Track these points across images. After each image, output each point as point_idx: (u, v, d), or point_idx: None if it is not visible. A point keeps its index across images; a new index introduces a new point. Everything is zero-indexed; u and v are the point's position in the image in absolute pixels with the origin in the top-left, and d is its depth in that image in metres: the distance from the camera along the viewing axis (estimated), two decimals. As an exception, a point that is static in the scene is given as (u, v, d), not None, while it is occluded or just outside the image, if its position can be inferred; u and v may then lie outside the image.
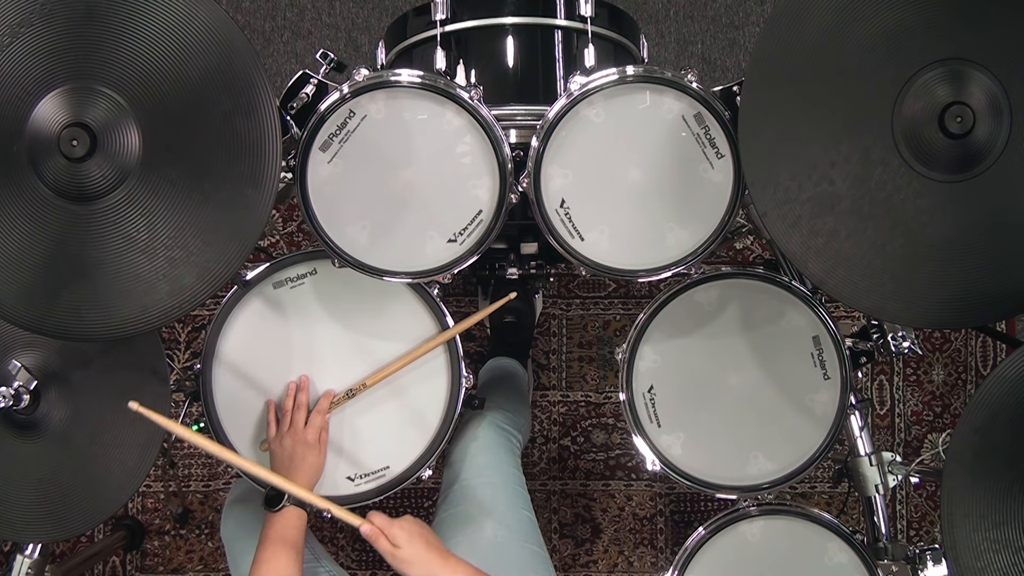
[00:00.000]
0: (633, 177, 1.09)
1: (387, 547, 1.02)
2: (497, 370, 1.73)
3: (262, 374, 1.20)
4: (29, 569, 1.26)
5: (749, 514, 1.22)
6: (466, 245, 1.10)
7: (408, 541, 1.02)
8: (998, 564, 0.96)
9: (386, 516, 1.03)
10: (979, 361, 1.95)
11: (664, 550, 1.92)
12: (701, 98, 1.06)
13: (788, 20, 0.94)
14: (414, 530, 1.03)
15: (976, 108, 0.91)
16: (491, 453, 1.34)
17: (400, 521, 1.03)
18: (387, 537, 1.02)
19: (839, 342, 1.18)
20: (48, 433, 1.12)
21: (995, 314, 0.99)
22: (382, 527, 1.02)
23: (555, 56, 1.24)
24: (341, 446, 1.21)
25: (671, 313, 1.20)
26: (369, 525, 1.01)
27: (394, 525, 1.02)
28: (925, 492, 1.95)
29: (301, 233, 1.94)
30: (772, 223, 0.97)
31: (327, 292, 1.21)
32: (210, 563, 1.91)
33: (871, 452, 1.26)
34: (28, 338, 1.11)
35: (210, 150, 0.94)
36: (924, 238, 0.95)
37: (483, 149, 1.07)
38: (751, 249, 1.92)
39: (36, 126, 0.92)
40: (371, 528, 1.01)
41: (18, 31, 0.91)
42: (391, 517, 1.05)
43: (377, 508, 1.31)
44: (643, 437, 1.20)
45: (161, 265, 0.95)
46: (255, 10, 2.01)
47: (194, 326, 1.93)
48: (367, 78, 1.06)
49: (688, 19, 2.02)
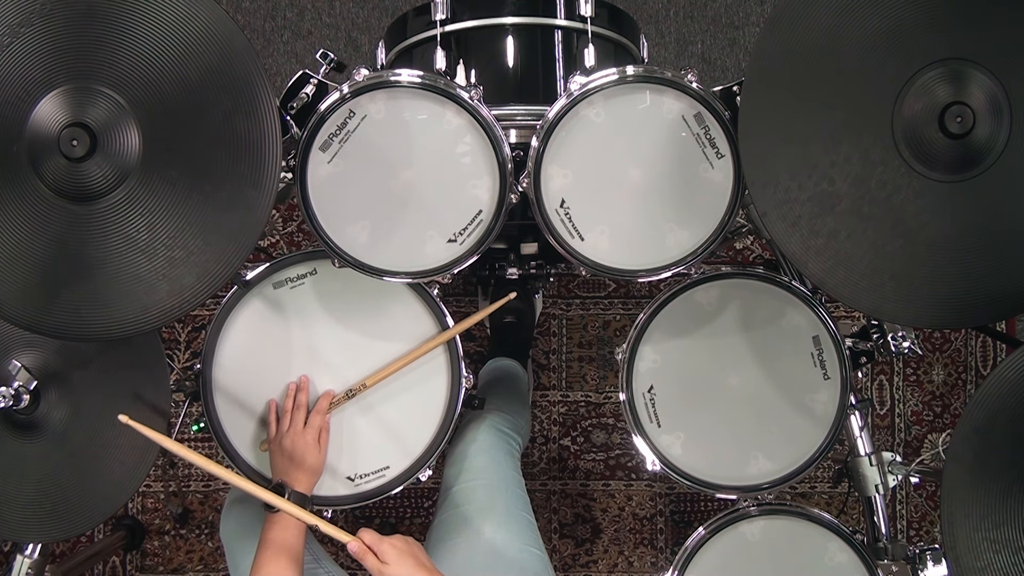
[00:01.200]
0: (633, 177, 1.09)
1: (375, 564, 0.99)
2: (497, 371, 1.73)
3: (262, 374, 1.20)
4: (29, 569, 1.26)
5: (749, 514, 1.22)
6: (466, 245, 1.10)
7: (398, 559, 0.99)
8: (998, 564, 0.96)
9: (376, 533, 1.01)
10: (979, 361, 1.95)
11: (664, 550, 1.92)
12: (701, 98, 1.06)
13: (788, 20, 0.94)
14: (404, 548, 1.01)
15: (976, 108, 0.91)
16: (490, 455, 1.34)
17: (390, 539, 1.01)
18: (376, 554, 1.00)
19: (839, 342, 1.18)
20: (48, 433, 1.12)
21: (995, 314, 0.99)
22: (371, 544, 1.00)
23: (555, 56, 1.24)
24: (341, 446, 1.21)
25: (671, 313, 1.20)
26: (357, 542, 0.99)
27: (384, 542, 1.00)
28: (925, 492, 1.95)
29: (301, 233, 1.94)
30: (772, 223, 0.97)
31: (327, 292, 1.21)
32: (210, 563, 1.91)
33: (871, 452, 1.26)
34: (28, 338, 1.11)
35: (210, 150, 0.94)
36: (924, 238, 0.95)
37: (483, 149, 1.07)
38: (751, 249, 1.92)
39: (36, 126, 0.92)
40: (359, 545, 0.99)
41: (18, 31, 0.91)
42: (390, 526, 1.03)
43: (376, 508, 1.31)
44: (643, 437, 1.20)
45: (161, 265, 0.95)
46: (255, 10, 2.01)
47: (194, 326, 1.93)
48: (367, 78, 1.06)
49: (688, 19, 2.02)
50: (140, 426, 0.98)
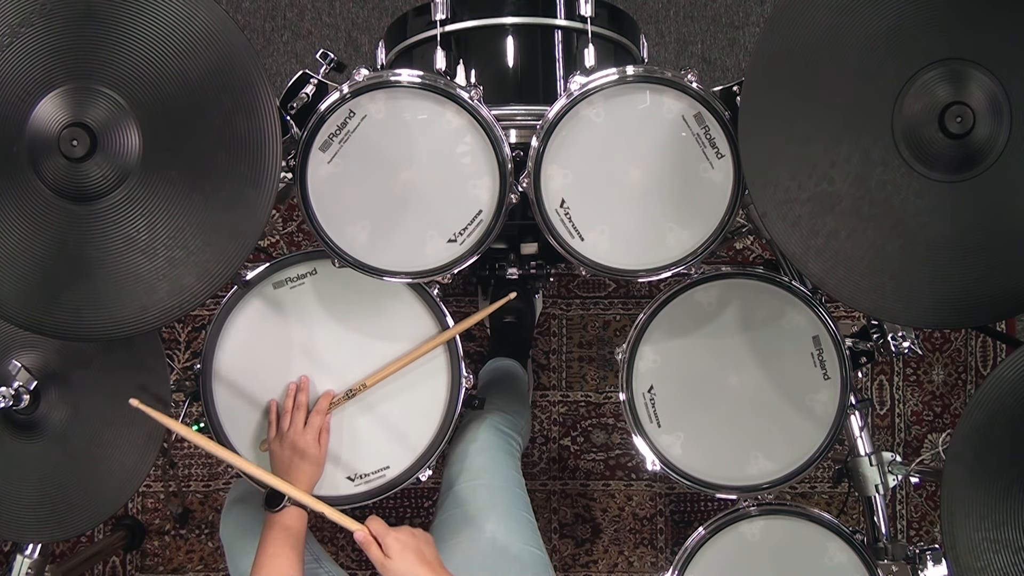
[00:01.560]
0: (633, 177, 1.09)
1: (378, 556, 0.99)
2: (497, 371, 1.73)
3: (262, 374, 1.20)
4: (29, 569, 1.26)
5: (749, 514, 1.22)
6: (466, 245, 1.10)
7: (400, 553, 0.99)
8: (998, 564, 0.96)
9: (384, 524, 1.01)
10: (979, 361, 1.95)
11: (664, 550, 1.92)
12: (701, 98, 1.06)
13: (788, 20, 0.94)
14: (409, 542, 1.01)
15: (976, 108, 0.91)
16: (491, 455, 1.34)
17: (397, 531, 1.01)
18: (381, 546, 1.00)
19: (839, 342, 1.18)
20: (48, 433, 1.12)
21: (995, 314, 0.99)
22: (378, 534, 1.00)
23: (555, 56, 1.24)
24: (341, 447, 1.21)
25: (671, 313, 1.20)
26: (364, 532, 0.99)
27: (390, 534, 1.00)
28: (925, 492, 1.95)
29: (301, 233, 1.94)
30: (772, 223, 0.97)
31: (327, 292, 1.21)
32: (210, 563, 1.91)
33: (871, 452, 1.26)
34: (28, 338, 1.11)
35: (210, 150, 0.94)
36: (924, 238, 0.95)
37: (483, 149, 1.07)
38: (751, 249, 1.92)
39: (36, 126, 0.92)
40: (365, 535, 0.99)
41: (18, 31, 0.91)
42: (390, 525, 1.03)
43: (377, 508, 1.31)
44: (643, 437, 1.20)
45: (161, 265, 0.95)
46: (255, 10, 2.01)
47: (194, 326, 1.93)
48: (367, 78, 1.06)
49: (688, 19, 2.02)
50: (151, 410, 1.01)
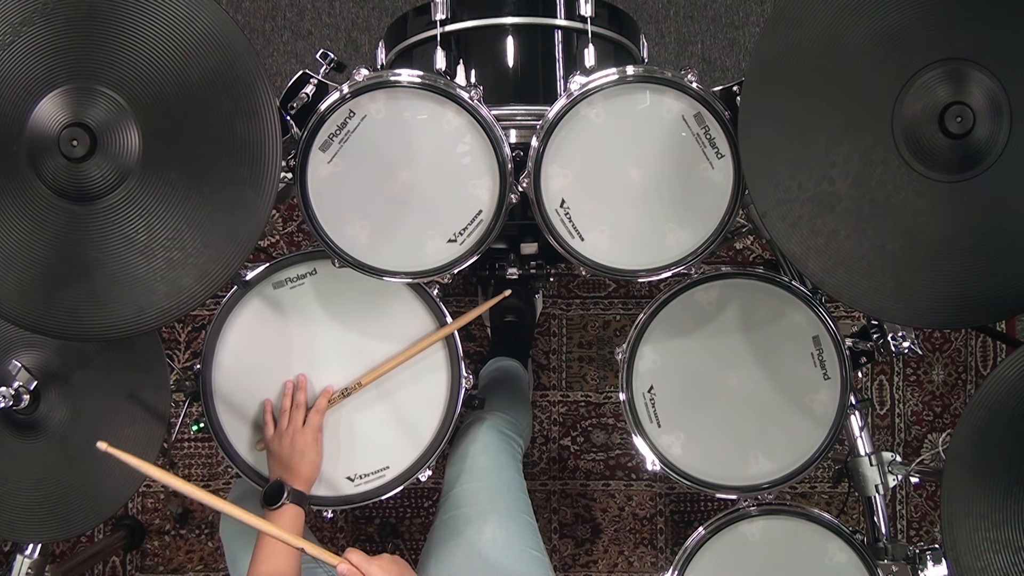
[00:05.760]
0: (633, 177, 1.09)
1: None
2: (498, 372, 1.73)
3: (262, 374, 1.20)
4: (29, 569, 1.26)
5: (749, 514, 1.21)
6: (466, 245, 1.10)
7: None
8: (998, 564, 0.96)
9: (364, 554, 1.00)
10: (979, 361, 1.95)
11: (664, 550, 1.92)
12: (701, 98, 1.06)
13: (788, 20, 0.94)
14: (392, 569, 1.00)
15: (976, 108, 0.91)
16: (492, 457, 1.34)
17: (379, 559, 1.00)
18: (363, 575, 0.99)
19: (839, 342, 1.18)
20: (48, 433, 1.12)
21: (995, 314, 0.99)
22: (359, 565, 0.99)
23: (555, 56, 1.24)
24: (341, 446, 1.21)
25: (671, 313, 1.20)
26: (346, 565, 0.98)
27: (372, 564, 0.99)
28: (925, 492, 1.95)
29: (301, 233, 1.94)
30: (772, 223, 0.97)
31: (327, 292, 1.21)
32: (210, 563, 1.91)
33: (871, 452, 1.26)
34: (28, 338, 1.11)
35: (210, 151, 0.94)
36: (924, 238, 0.95)
37: (483, 149, 1.07)
38: (751, 249, 1.92)
39: (36, 126, 0.92)
40: (347, 567, 0.98)
41: (20, 30, 0.91)
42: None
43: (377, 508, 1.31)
44: (643, 437, 1.20)
45: (159, 266, 0.95)
46: (255, 10, 2.01)
47: (194, 326, 1.93)
48: (367, 78, 1.06)
49: (688, 19, 2.02)
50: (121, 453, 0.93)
